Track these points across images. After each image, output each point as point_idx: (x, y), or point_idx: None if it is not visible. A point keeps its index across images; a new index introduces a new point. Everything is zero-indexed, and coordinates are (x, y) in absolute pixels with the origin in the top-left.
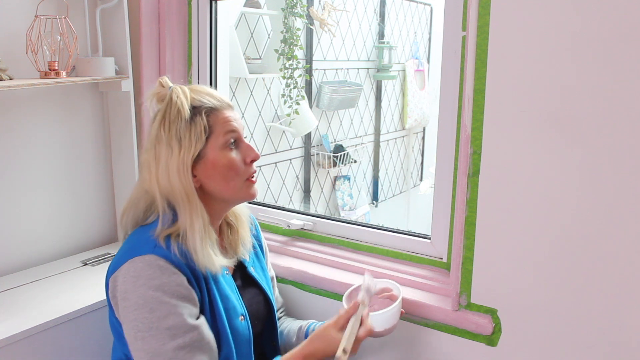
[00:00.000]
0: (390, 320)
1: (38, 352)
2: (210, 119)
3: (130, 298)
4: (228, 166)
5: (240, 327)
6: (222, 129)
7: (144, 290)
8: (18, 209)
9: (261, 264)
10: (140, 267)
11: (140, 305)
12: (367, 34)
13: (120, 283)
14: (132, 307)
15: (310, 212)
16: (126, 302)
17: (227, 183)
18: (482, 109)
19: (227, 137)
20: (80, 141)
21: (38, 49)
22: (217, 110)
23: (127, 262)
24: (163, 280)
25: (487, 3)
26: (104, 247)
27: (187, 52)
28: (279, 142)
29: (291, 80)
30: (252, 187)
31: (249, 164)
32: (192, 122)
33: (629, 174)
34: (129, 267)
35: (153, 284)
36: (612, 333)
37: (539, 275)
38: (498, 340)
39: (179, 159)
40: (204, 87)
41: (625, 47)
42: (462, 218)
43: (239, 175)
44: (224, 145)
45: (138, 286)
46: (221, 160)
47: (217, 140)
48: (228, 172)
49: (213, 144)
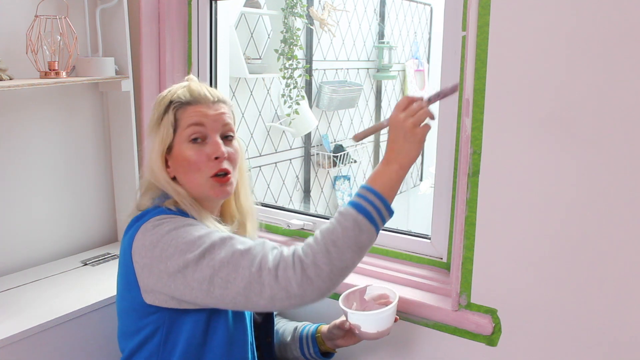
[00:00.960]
0: (382, 323)
1: (38, 352)
2: (177, 113)
3: (159, 245)
4: (188, 160)
5: (242, 321)
6: (185, 123)
7: (170, 229)
8: (18, 209)
9: None
10: (159, 219)
11: (173, 240)
12: (367, 34)
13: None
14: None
15: (310, 212)
16: (157, 251)
17: (190, 178)
18: (482, 109)
19: (188, 131)
20: (80, 141)
21: (38, 49)
22: (188, 105)
23: (144, 224)
24: (183, 221)
25: (487, 3)
26: (104, 247)
27: (187, 52)
28: (279, 142)
29: (291, 80)
30: (217, 186)
31: (213, 161)
32: (164, 115)
33: (628, 173)
34: (145, 227)
35: (176, 223)
36: (612, 333)
37: (538, 275)
38: (498, 340)
39: (156, 149)
40: (195, 83)
41: (625, 47)
42: (462, 218)
43: (201, 171)
44: (186, 139)
45: (164, 232)
46: (182, 154)
47: (181, 133)
48: (189, 166)
49: (178, 137)
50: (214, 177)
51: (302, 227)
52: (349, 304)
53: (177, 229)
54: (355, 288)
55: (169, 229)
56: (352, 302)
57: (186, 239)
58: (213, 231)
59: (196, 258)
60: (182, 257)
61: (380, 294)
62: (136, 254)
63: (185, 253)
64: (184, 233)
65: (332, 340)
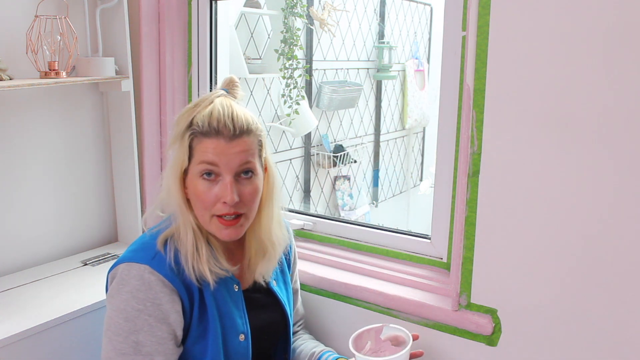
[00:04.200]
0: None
1: (38, 352)
2: (193, 142)
3: (114, 298)
4: (196, 195)
5: (238, 347)
6: (198, 158)
7: (127, 297)
8: (18, 209)
9: (285, 277)
10: (133, 275)
11: (120, 310)
12: (367, 34)
13: (111, 282)
14: (113, 307)
15: (310, 212)
16: (110, 300)
17: (198, 212)
18: (482, 109)
19: (200, 167)
20: (80, 141)
21: (38, 49)
22: (204, 137)
23: (125, 264)
24: (148, 296)
25: (487, 3)
26: (104, 247)
27: (187, 52)
28: (279, 142)
29: (291, 80)
30: (222, 229)
31: (221, 203)
32: (182, 138)
33: (628, 173)
34: (123, 270)
35: (137, 296)
36: (612, 333)
37: (539, 275)
38: (498, 340)
39: (174, 166)
40: (220, 108)
41: (625, 47)
42: (462, 218)
43: (206, 209)
44: (198, 174)
45: (123, 292)
46: (193, 186)
47: (194, 165)
48: (197, 200)
49: (192, 167)
50: (219, 219)
51: (302, 227)
52: (363, 342)
53: (117, 313)
54: (371, 327)
55: (117, 307)
56: (367, 341)
57: (111, 337)
58: (146, 346)
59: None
60: (104, 339)
61: (396, 335)
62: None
63: (104, 341)
64: (115, 328)
65: None
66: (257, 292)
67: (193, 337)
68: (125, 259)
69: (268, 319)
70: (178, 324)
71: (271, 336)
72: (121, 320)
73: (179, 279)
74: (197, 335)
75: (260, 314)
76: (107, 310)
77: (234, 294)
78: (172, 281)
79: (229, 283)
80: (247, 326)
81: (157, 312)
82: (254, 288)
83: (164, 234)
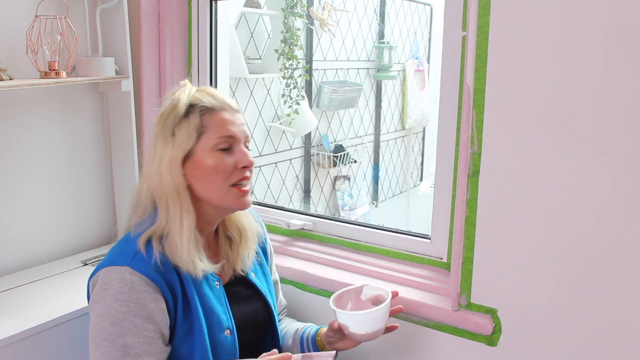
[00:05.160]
0: (370, 324)
1: (38, 352)
2: (204, 118)
3: (97, 304)
4: (214, 168)
5: (224, 342)
6: (216, 132)
7: (111, 301)
8: (18, 209)
9: (263, 269)
10: (114, 277)
11: (105, 314)
12: (367, 34)
13: (92, 289)
14: (96, 313)
15: (310, 212)
16: (93, 306)
17: (212, 186)
18: (482, 109)
19: (219, 140)
20: (80, 141)
21: (38, 49)
22: (215, 111)
23: (104, 269)
24: (131, 297)
25: (487, 3)
26: (104, 247)
27: (187, 52)
28: (279, 142)
29: (291, 80)
30: (240, 196)
31: (239, 169)
32: (186, 118)
33: (628, 173)
34: (103, 275)
35: (121, 298)
36: (612, 333)
37: (538, 275)
38: (498, 340)
39: (170, 154)
40: (211, 89)
41: (625, 47)
42: (462, 218)
43: (225, 180)
44: (214, 147)
45: (106, 296)
46: (207, 161)
47: (208, 140)
48: (213, 174)
49: (203, 144)
50: (237, 187)
51: (302, 227)
52: (343, 303)
53: (102, 318)
54: (351, 287)
55: (101, 312)
56: (347, 301)
57: (98, 343)
58: (134, 348)
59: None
60: (90, 346)
61: (377, 295)
62: (90, 292)
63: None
64: (101, 333)
65: (331, 344)
66: (237, 286)
67: (180, 335)
68: (105, 264)
69: (252, 311)
70: (164, 322)
71: (257, 328)
72: (106, 324)
73: (162, 277)
74: (184, 333)
75: (243, 306)
76: (91, 317)
77: (216, 291)
78: (154, 280)
79: (210, 280)
80: (231, 321)
81: (142, 312)
82: (234, 282)
83: (146, 233)
